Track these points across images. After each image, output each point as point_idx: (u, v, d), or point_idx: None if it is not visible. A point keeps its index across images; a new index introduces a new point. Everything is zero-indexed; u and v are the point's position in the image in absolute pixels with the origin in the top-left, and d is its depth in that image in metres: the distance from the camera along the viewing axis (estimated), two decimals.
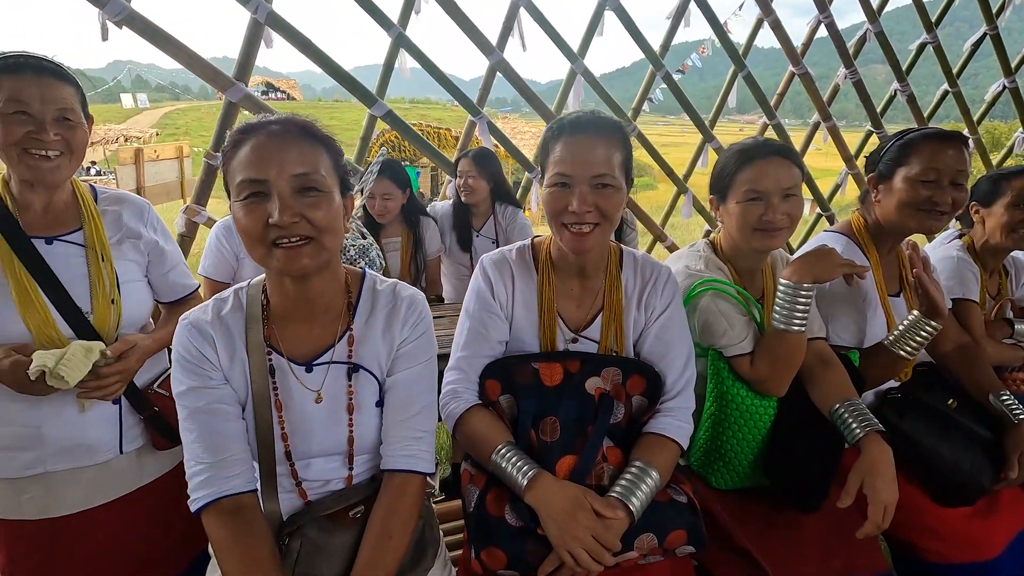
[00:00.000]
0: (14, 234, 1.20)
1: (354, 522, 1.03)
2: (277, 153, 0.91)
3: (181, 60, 2.32)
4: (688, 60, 4.65)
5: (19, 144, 1.15)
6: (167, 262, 1.43)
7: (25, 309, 1.18)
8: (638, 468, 1.11)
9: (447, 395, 1.22)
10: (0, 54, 1.17)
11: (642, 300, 1.27)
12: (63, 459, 1.25)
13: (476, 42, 3.08)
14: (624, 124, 1.23)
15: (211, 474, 0.96)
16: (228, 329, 1.02)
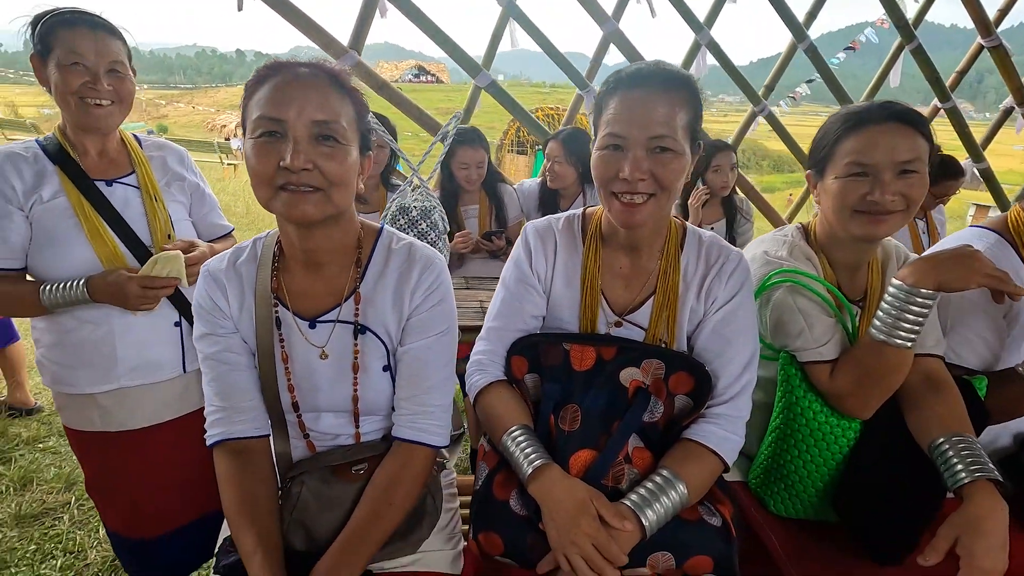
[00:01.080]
0: (80, 177, 1.32)
1: (356, 478, 1.02)
2: (300, 95, 0.88)
3: (300, 27, 2.48)
4: (860, 36, 4.06)
5: (76, 93, 1.26)
6: (206, 203, 1.55)
7: (96, 244, 1.31)
8: (663, 478, 0.97)
9: (472, 366, 1.17)
10: (55, 9, 1.28)
11: (703, 287, 1.10)
12: (135, 376, 1.39)
13: (590, 11, 2.93)
14: (690, 74, 1.05)
15: (220, 416, 1.01)
16: (240, 278, 1.03)
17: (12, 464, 2.43)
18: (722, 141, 2.83)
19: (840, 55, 4.02)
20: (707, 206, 2.83)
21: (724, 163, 2.72)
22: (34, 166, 1.30)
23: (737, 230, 2.88)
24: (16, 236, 1.27)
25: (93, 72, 1.27)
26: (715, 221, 2.87)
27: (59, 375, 1.37)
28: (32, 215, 1.28)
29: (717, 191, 2.77)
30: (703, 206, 2.77)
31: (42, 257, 1.29)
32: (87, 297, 1.26)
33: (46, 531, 2.08)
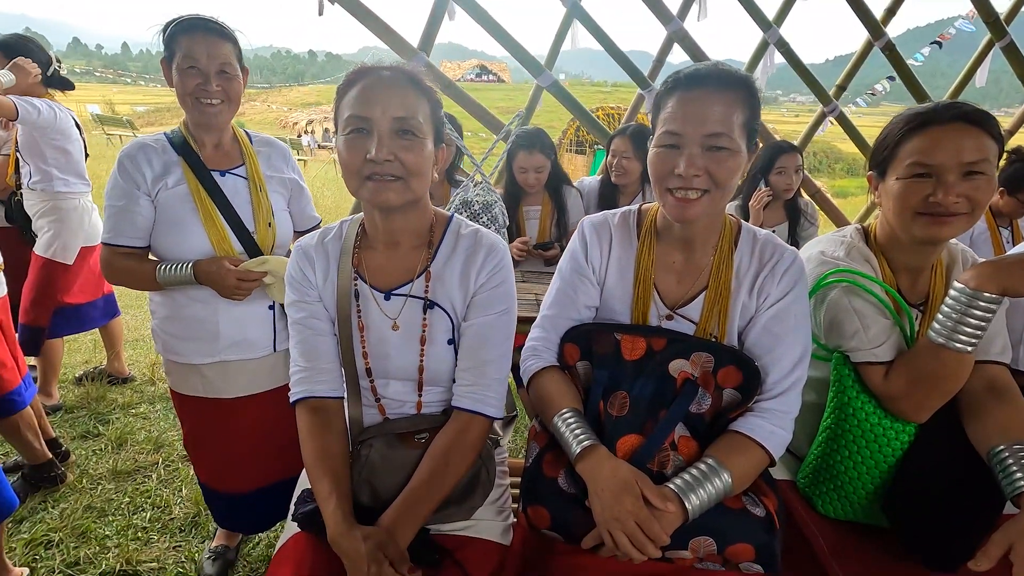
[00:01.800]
0: (199, 167, 1.48)
1: (418, 445, 1.11)
2: (383, 96, 1.00)
3: (375, 31, 2.62)
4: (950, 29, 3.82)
5: (192, 94, 1.41)
6: (304, 197, 1.70)
7: (208, 227, 1.47)
8: (708, 465, 1.00)
9: (527, 351, 1.23)
10: (176, 17, 1.44)
11: (755, 284, 1.12)
12: (233, 351, 1.55)
13: (654, 9, 2.94)
14: (749, 75, 1.08)
15: (303, 375, 1.13)
16: (327, 254, 1.16)
17: (110, 425, 2.71)
18: (787, 142, 2.76)
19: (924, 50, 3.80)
20: (769, 208, 2.77)
21: (789, 165, 2.66)
22: (162, 156, 1.47)
23: (800, 234, 2.81)
24: (142, 219, 1.45)
25: (205, 74, 1.41)
26: (777, 224, 2.81)
27: (170, 345, 1.55)
28: (157, 200, 1.45)
29: (780, 193, 2.71)
30: (765, 208, 2.72)
31: (163, 237, 1.46)
32: (192, 279, 1.43)
33: (137, 486, 2.32)
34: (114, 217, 1.44)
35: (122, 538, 2.02)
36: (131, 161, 1.44)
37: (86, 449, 2.52)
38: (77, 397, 2.92)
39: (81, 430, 2.66)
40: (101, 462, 2.44)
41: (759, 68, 3.11)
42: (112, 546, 1.98)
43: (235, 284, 1.43)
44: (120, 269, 1.47)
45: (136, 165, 1.44)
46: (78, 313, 2.71)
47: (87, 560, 1.92)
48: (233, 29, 1.48)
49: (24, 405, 2.09)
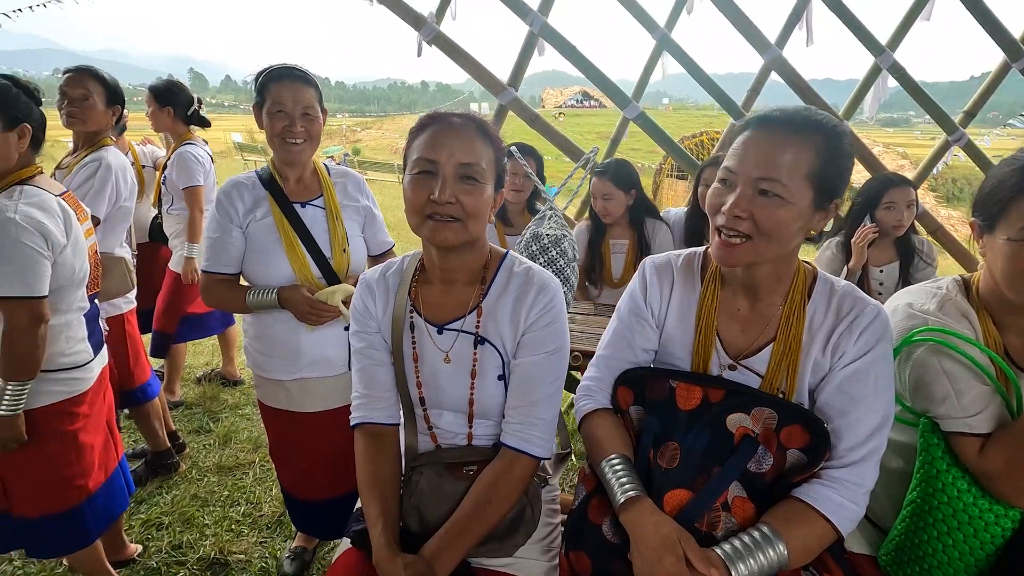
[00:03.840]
0: (283, 200, 1.63)
1: (466, 477, 1.14)
2: (451, 141, 1.06)
3: (469, 70, 2.77)
4: None
5: (279, 135, 1.57)
6: (376, 223, 1.82)
7: (291, 255, 1.61)
8: (762, 534, 0.93)
9: (581, 391, 1.23)
10: (268, 67, 1.61)
11: (831, 340, 1.04)
12: (313, 369, 1.69)
13: (749, 37, 2.83)
14: (838, 123, 1.01)
15: (362, 402, 1.20)
16: (387, 287, 1.23)
17: (219, 423, 3.01)
18: (898, 175, 2.50)
19: None
20: (877, 246, 2.52)
21: (899, 200, 2.41)
22: (253, 192, 1.65)
23: (914, 275, 2.52)
24: (234, 249, 1.63)
25: (291, 117, 1.57)
26: (886, 263, 2.55)
27: (258, 361, 1.72)
28: (248, 231, 1.63)
29: (889, 230, 2.46)
30: (870, 246, 2.48)
31: (252, 264, 1.64)
32: (276, 303, 1.59)
33: (236, 482, 2.55)
34: (212, 247, 1.63)
35: (218, 528, 2.24)
36: (226, 197, 1.62)
37: (198, 443, 2.83)
38: (196, 395, 3.29)
39: (196, 425, 2.99)
40: (209, 456, 2.72)
41: (870, 94, 2.87)
42: (210, 535, 2.20)
43: (307, 310, 1.57)
44: (215, 294, 1.66)
45: (230, 201, 1.62)
46: (200, 321, 3.08)
47: (188, 545, 2.14)
48: (315, 75, 1.65)
49: (152, 396, 2.42)
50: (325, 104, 1.69)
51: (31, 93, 1.54)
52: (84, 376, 1.63)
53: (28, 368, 1.47)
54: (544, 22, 2.72)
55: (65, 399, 1.58)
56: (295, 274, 1.62)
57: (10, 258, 1.40)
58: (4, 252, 1.39)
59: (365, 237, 1.82)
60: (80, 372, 1.62)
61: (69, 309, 1.60)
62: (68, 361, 1.59)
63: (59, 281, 1.53)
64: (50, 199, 1.52)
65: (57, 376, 1.57)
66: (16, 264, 1.41)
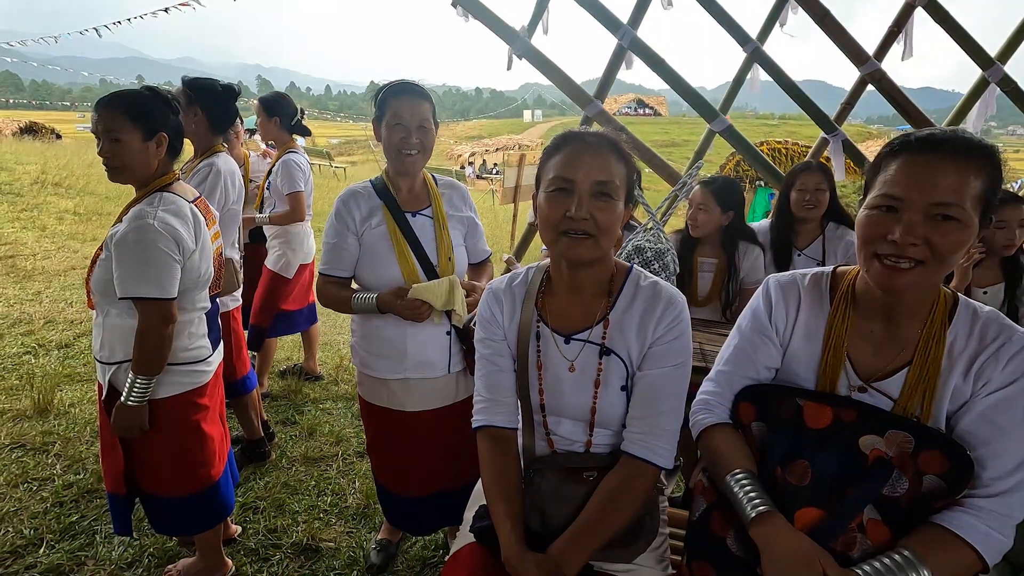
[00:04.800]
0: (396, 209, 1.72)
1: (586, 482, 1.18)
2: (587, 160, 1.11)
3: (556, 82, 2.83)
4: None
5: (397, 146, 1.65)
6: (478, 233, 1.89)
7: (401, 262, 1.70)
8: (903, 558, 0.92)
9: (698, 404, 1.24)
10: (388, 83, 1.69)
11: (972, 366, 1.01)
12: (416, 370, 1.77)
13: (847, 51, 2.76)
14: (994, 146, 0.99)
15: (485, 406, 1.26)
16: (514, 297, 1.28)
17: (304, 416, 3.17)
18: (1011, 193, 2.36)
19: None
20: (982, 265, 2.40)
21: (1012, 218, 2.27)
22: (369, 201, 1.75)
23: (1022, 297, 2.39)
24: (349, 255, 1.73)
25: (407, 129, 1.65)
26: (991, 285, 2.42)
27: (365, 359, 1.81)
28: (363, 238, 1.73)
29: (999, 250, 2.33)
30: (976, 266, 2.36)
31: (365, 269, 1.74)
32: (375, 308, 1.67)
33: (321, 473, 2.68)
34: (329, 252, 1.73)
35: (308, 516, 2.35)
36: (344, 206, 1.72)
37: (285, 434, 2.98)
38: (280, 388, 3.47)
39: (282, 416, 3.15)
40: (296, 446, 2.87)
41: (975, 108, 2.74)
42: (301, 521, 2.32)
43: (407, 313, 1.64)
44: (329, 295, 1.76)
45: (348, 209, 1.72)
46: (291, 318, 3.26)
47: (282, 530, 2.26)
48: (429, 88, 1.72)
49: (252, 388, 2.59)
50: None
51: (168, 103, 1.65)
52: (205, 369, 1.76)
53: (156, 364, 1.58)
54: (634, 35, 2.75)
55: (188, 390, 1.71)
56: (404, 279, 1.71)
57: (148, 261, 1.51)
58: (143, 256, 1.51)
59: (467, 246, 1.89)
60: (202, 366, 1.74)
61: (193, 308, 1.72)
62: (191, 356, 1.71)
63: (186, 283, 1.64)
64: (185, 206, 1.64)
65: (182, 369, 1.69)
66: (153, 268, 1.51)
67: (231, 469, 1.99)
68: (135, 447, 1.68)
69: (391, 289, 1.68)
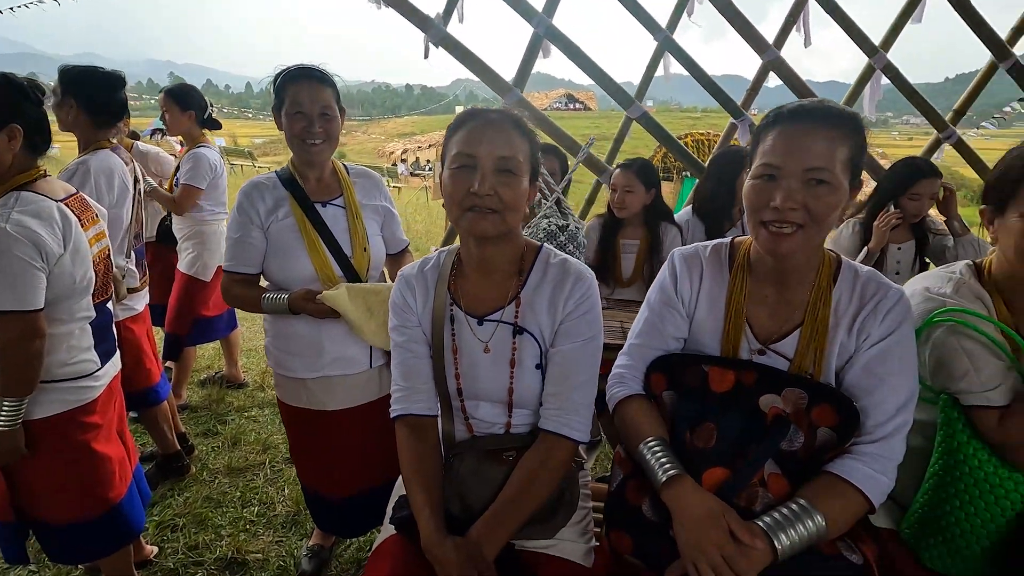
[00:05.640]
0: (304, 199, 1.63)
1: (506, 463, 1.18)
2: (489, 136, 1.10)
3: (475, 70, 2.81)
4: None
5: (299, 136, 1.57)
6: (394, 222, 1.84)
7: (312, 254, 1.61)
8: (800, 506, 0.98)
9: (613, 378, 1.27)
10: (286, 68, 1.59)
11: (855, 323, 1.09)
12: (335, 367, 1.70)
13: (749, 39, 2.91)
14: (858, 116, 1.06)
15: (402, 394, 1.23)
16: (426, 281, 1.26)
17: (227, 426, 3.01)
18: (930, 164, 2.53)
19: None
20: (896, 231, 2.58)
21: (925, 192, 2.46)
22: (273, 192, 1.65)
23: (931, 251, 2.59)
24: (255, 250, 1.63)
25: (309, 118, 1.57)
26: (904, 242, 2.60)
27: (281, 360, 1.73)
28: (269, 231, 1.63)
29: (909, 218, 2.52)
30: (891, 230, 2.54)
31: (273, 264, 1.64)
32: (287, 308, 1.59)
33: (247, 483, 2.55)
34: (233, 247, 1.63)
35: (233, 528, 2.24)
36: (247, 198, 1.61)
37: (206, 445, 2.82)
38: (201, 398, 3.28)
39: (203, 428, 2.98)
40: (219, 458, 2.72)
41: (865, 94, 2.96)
42: (225, 535, 2.20)
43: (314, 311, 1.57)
44: (235, 294, 1.66)
45: (251, 201, 1.62)
46: (211, 324, 3.07)
47: (204, 545, 2.14)
48: (332, 74, 1.64)
49: (163, 398, 2.41)
50: None
51: (23, 91, 1.45)
52: (92, 385, 1.59)
53: (24, 383, 1.41)
54: (549, 24, 2.77)
55: (72, 408, 1.54)
56: (316, 273, 1.63)
57: (2, 270, 1.33)
58: None
59: (384, 236, 1.85)
60: (87, 381, 1.57)
61: (71, 319, 1.54)
62: (72, 371, 1.53)
63: (56, 291, 1.46)
64: (48, 206, 1.45)
65: (62, 386, 1.52)
66: (8, 277, 1.34)
67: (139, 488, 1.85)
68: (16, 472, 1.51)
69: (300, 291, 1.60)
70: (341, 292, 1.59)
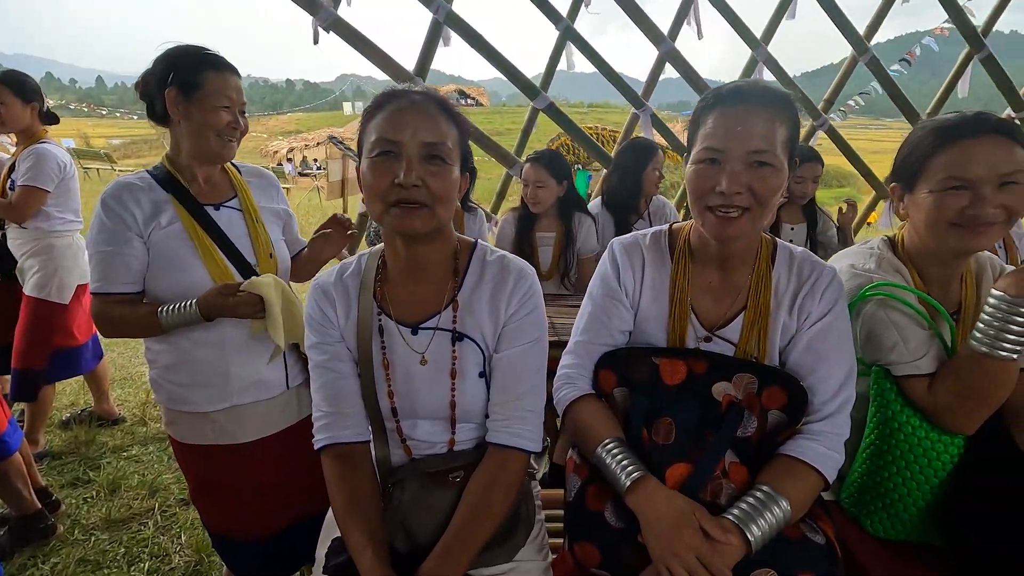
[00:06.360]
0: (191, 203, 1.40)
1: (453, 485, 1.06)
2: (414, 119, 0.97)
3: (372, 58, 2.61)
4: (916, 47, 3.92)
5: (220, 131, 1.39)
6: (294, 225, 1.69)
7: (209, 264, 1.39)
8: (764, 493, 0.96)
9: (560, 379, 1.19)
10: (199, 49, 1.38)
11: (795, 303, 1.09)
12: (246, 393, 1.47)
13: (645, 30, 2.98)
14: (793, 96, 1.06)
15: (327, 421, 1.07)
16: (347, 290, 1.10)
17: (101, 471, 2.58)
18: (811, 150, 2.73)
19: (895, 67, 3.90)
20: (786, 209, 2.75)
21: (808, 174, 2.64)
22: (150, 195, 1.39)
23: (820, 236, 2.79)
24: (136, 262, 1.36)
25: (234, 112, 1.40)
26: (797, 223, 2.77)
27: (176, 394, 1.45)
28: (151, 241, 1.37)
29: (796, 200, 2.71)
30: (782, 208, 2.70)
31: (161, 279, 1.38)
32: (199, 315, 1.34)
33: (133, 535, 2.20)
34: (104, 264, 1.34)
35: None
36: (117, 202, 1.34)
37: (76, 497, 2.40)
38: (65, 442, 2.80)
39: (71, 477, 2.53)
40: (93, 511, 2.32)
41: None
42: None
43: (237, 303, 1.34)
44: (116, 319, 1.37)
45: (123, 206, 1.35)
46: (75, 356, 2.60)
47: None
48: None
49: (12, 451, 1.98)
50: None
51: None
52: None
53: None
54: (449, 9, 2.65)
55: None
56: (215, 284, 1.39)
57: None
58: None
59: (286, 240, 1.64)
60: None
61: None
62: None
63: None
64: None
65: None
66: None
67: None
68: None
69: (213, 289, 1.35)
70: (269, 280, 1.40)
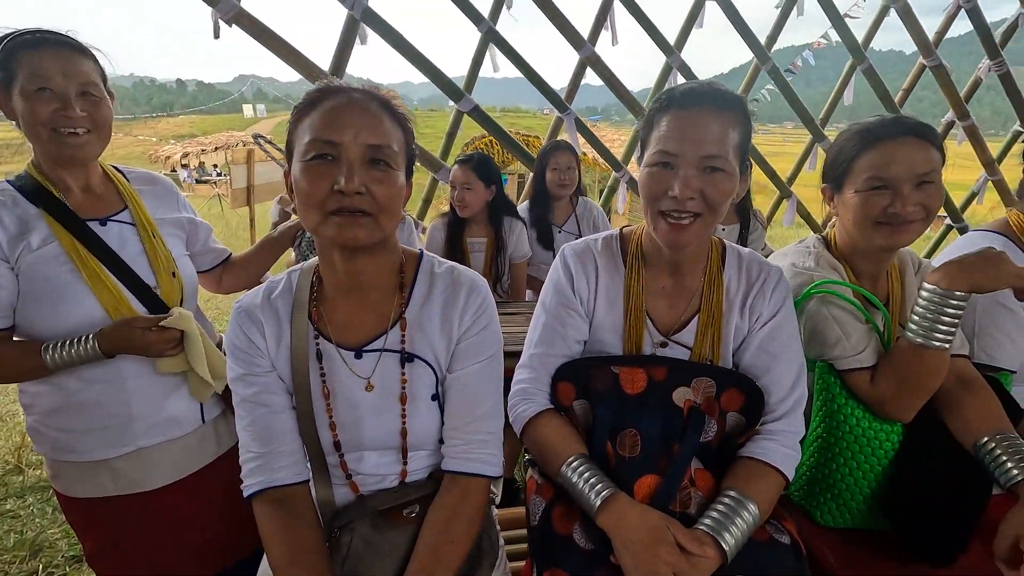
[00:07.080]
0: (69, 218, 1.19)
1: (409, 522, 0.96)
2: (355, 119, 0.86)
3: (282, 55, 2.42)
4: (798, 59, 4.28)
5: (48, 123, 1.14)
6: (201, 232, 1.48)
7: (98, 290, 1.19)
8: (732, 499, 0.95)
9: (516, 395, 1.13)
10: (17, 31, 1.15)
11: (746, 304, 1.10)
12: (153, 434, 1.27)
13: (566, 35, 2.99)
14: (745, 100, 1.06)
15: (259, 464, 0.93)
16: (276, 313, 0.97)
17: None
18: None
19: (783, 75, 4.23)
20: None
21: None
22: (14, 210, 1.17)
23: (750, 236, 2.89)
24: (3, 291, 1.14)
25: (63, 97, 1.14)
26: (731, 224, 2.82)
27: (63, 442, 1.23)
28: (19, 266, 1.15)
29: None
30: None
31: (37, 312, 1.16)
32: (99, 353, 1.14)
33: None
34: None
35: None
36: None
37: None
38: None
39: None
40: None
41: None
42: None
43: (150, 339, 1.17)
44: None
45: None
46: None
47: None
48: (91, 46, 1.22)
49: None
50: None
51: None
52: None
53: None
54: (366, 6, 2.51)
55: None
56: (108, 315, 1.19)
57: None
58: None
59: (194, 253, 1.45)
60: None
61: None
62: None
63: None
64: None
65: None
66: None
67: None
68: None
69: (123, 319, 1.16)
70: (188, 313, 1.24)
